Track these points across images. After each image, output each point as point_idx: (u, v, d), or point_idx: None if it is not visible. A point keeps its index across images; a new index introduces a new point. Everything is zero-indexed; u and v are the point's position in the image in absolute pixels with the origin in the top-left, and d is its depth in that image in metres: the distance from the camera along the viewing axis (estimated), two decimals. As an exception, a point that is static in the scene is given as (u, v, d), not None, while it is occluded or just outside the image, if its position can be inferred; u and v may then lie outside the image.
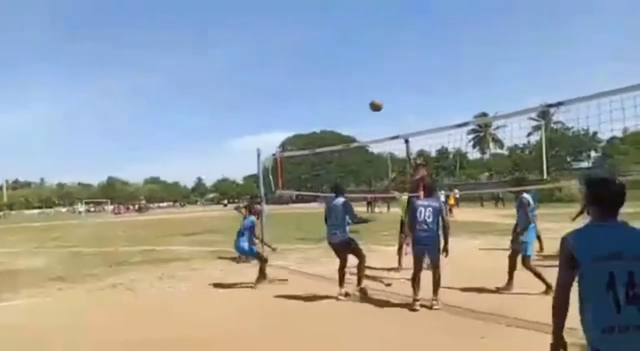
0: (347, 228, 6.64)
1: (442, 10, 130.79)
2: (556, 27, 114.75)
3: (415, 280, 5.82)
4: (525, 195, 6.60)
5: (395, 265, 8.66)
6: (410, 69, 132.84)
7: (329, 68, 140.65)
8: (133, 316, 6.07)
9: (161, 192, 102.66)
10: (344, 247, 6.66)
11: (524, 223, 6.42)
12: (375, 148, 79.45)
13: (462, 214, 23.74)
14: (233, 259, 10.68)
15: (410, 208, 6.11)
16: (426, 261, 6.21)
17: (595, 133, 52.62)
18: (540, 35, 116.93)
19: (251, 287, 7.46)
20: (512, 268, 6.57)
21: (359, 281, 6.59)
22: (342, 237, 6.60)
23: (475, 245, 11.89)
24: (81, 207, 71.69)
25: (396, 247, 8.95)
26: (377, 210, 33.87)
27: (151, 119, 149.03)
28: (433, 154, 77.42)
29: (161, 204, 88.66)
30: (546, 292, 5.85)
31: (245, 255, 8.43)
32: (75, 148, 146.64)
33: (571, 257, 2.09)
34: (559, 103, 5.77)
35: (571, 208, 13.80)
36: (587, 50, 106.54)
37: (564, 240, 2.15)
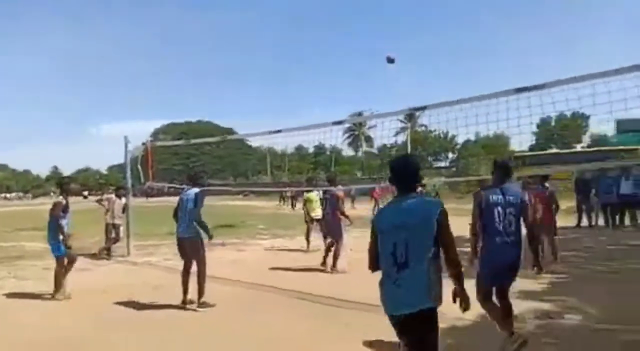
0: (195, 225, 5.72)
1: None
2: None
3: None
4: None
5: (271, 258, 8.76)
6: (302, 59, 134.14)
7: (206, 54, 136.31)
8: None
9: (8, 181, 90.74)
10: (189, 248, 5.77)
11: None
12: (254, 142, 79.71)
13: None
14: (93, 255, 9.80)
15: None
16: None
17: (451, 136, 58.70)
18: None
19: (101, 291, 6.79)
20: None
21: (201, 293, 5.61)
22: (189, 234, 5.73)
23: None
24: None
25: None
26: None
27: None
28: (311, 150, 79.99)
29: (8, 195, 78.31)
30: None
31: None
32: None
33: None
34: (423, 107, 6.27)
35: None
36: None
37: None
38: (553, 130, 59.95)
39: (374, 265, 2.70)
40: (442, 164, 65.47)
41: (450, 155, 68.97)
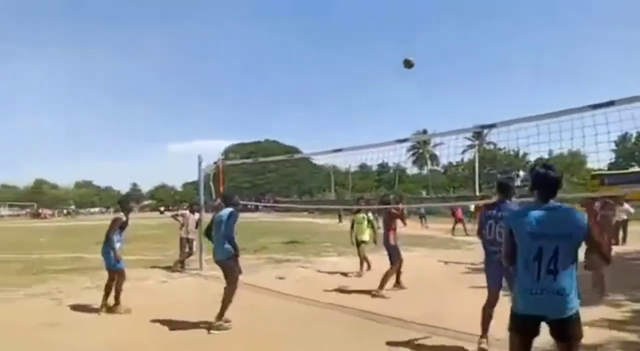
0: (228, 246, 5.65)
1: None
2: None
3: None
4: None
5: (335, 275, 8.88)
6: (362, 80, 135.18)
7: (273, 76, 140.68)
8: (53, 330, 5.69)
9: (93, 197, 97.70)
10: (225, 268, 5.73)
11: None
12: (319, 160, 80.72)
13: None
14: (168, 268, 10.35)
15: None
16: None
17: (523, 154, 56.18)
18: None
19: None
20: None
21: (220, 313, 5.51)
22: (224, 256, 5.67)
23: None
24: (4, 210, 66.81)
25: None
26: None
27: (84, 119, 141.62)
28: (374, 168, 79.66)
29: (92, 210, 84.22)
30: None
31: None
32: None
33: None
34: (492, 125, 6.14)
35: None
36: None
37: None
38: (634, 148, 55.82)
39: (510, 261, 2.88)
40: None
41: (522, 173, 66.12)
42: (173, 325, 5.68)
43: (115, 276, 6.58)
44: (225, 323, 5.47)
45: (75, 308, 6.83)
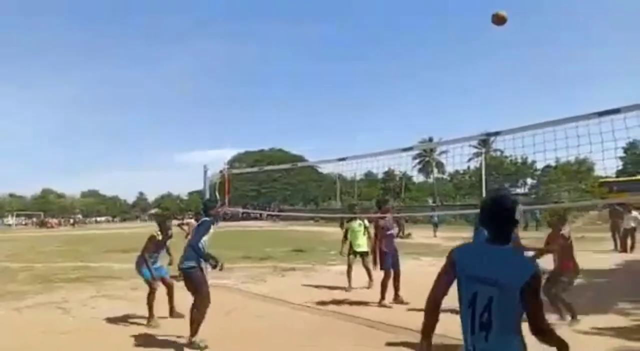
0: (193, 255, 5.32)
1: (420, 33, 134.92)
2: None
3: None
4: None
5: (341, 284, 8.91)
6: (367, 90, 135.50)
7: (280, 85, 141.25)
8: (58, 338, 5.70)
9: (99, 206, 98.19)
10: (190, 280, 5.34)
11: None
12: (324, 169, 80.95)
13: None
14: (174, 277, 10.34)
15: None
16: None
17: (531, 161, 55.93)
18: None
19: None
20: None
21: (192, 332, 5.14)
22: (188, 265, 5.31)
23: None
24: (12, 220, 67.23)
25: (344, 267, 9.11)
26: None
27: (90, 129, 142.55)
28: (380, 176, 79.54)
29: (99, 219, 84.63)
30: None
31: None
32: (6, 156, 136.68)
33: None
34: (497, 133, 6.12)
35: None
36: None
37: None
38: (642, 155, 55.49)
39: (433, 297, 2.34)
40: (520, 191, 62.64)
41: (530, 181, 65.85)
42: (179, 334, 5.65)
43: (158, 285, 6.66)
44: (200, 342, 5.09)
45: (81, 317, 6.85)
